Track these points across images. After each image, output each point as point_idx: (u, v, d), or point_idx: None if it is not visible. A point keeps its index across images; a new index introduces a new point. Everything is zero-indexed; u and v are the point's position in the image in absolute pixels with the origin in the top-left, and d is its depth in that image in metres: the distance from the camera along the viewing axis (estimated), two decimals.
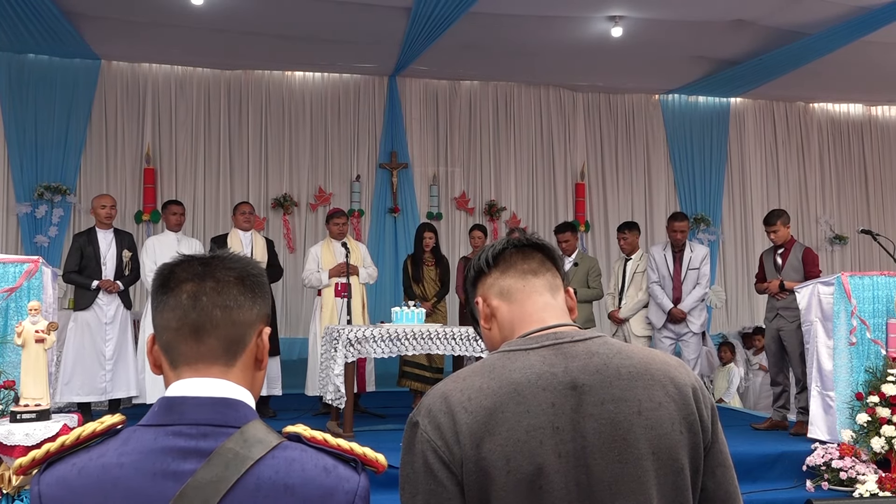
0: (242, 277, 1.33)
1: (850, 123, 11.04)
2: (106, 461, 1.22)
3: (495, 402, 1.35)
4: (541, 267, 1.55)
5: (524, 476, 1.32)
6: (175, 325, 1.29)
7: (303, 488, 1.22)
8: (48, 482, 1.23)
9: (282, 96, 9.42)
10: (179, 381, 1.29)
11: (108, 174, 8.90)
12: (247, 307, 1.32)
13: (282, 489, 1.21)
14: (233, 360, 1.31)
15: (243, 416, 1.27)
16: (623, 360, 1.42)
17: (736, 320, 10.26)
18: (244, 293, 1.32)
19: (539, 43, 8.25)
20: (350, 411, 5.86)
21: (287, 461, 1.24)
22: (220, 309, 1.30)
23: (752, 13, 7.48)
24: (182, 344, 1.29)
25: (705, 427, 1.43)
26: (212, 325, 1.29)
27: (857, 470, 4.99)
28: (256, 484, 1.21)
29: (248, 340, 1.32)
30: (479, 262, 1.57)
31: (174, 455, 1.21)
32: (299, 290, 8.76)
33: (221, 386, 1.28)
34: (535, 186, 10.00)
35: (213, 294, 1.30)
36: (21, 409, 4.23)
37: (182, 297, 1.30)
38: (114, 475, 1.20)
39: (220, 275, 1.32)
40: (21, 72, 8.50)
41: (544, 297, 1.52)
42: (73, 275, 6.58)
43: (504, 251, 1.55)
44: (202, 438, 1.23)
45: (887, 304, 5.67)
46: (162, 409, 1.27)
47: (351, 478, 1.27)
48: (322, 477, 1.24)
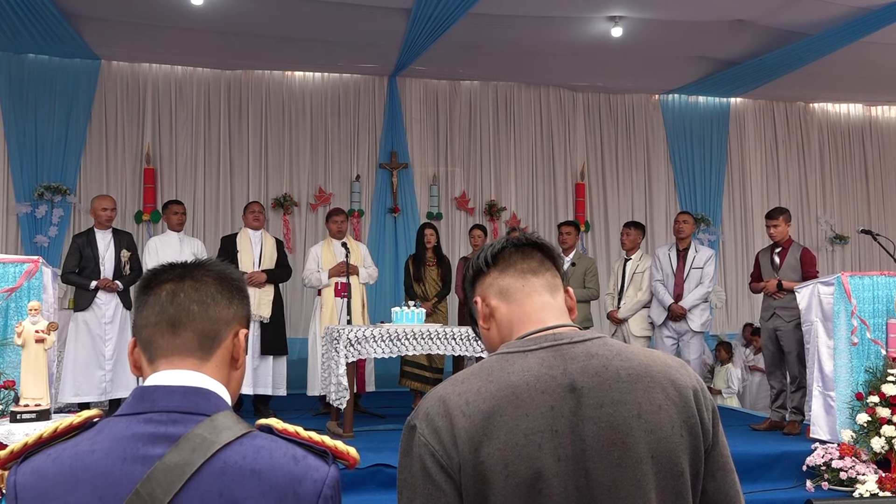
0: (221, 278, 1.38)
1: (850, 123, 11.04)
2: (79, 450, 1.25)
3: (493, 406, 1.34)
4: (540, 266, 1.53)
5: (523, 480, 1.31)
6: (154, 321, 1.34)
7: (270, 474, 1.24)
8: (24, 472, 1.26)
9: (282, 96, 9.42)
10: (155, 374, 1.32)
11: (108, 174, 8.90)
12: (223, 304, 1.36)
13: (248, 473, 1.23)
14: (207, 354, 1.34)
15: (214, 406, 1.29)
16: (623, 361, 1.40)
17: (736, 320, 10.27)
18: (221, 292, 1.37)
19: (539, 43, 8.25)
20: (350, 411, 5.86)
21: (255, 448, 1.26)
22: (197, 304, 1.34)
23: (752, 13, 7.48)
24: (159, 337, 1.33)
25: (706, 430, 1.41)
26: (188, 318, 1.33)
27: (857, 470, 4.99)
28: (222, 468, 1.22)
29: (223, 336, 1.36)
30: (478, 262, 1.55)
31: (144, 440, 1.24)
32: (299, 290, 8.75)
33: (193, 377, 1.31)
34: (535, 186, 10.00)
35: (190, 291, 1.35)
36: (21, 410, 4.24)
37: (161, 295, 1.34)
38: (85, 462, 1.23)
39: (198, 274, 1.37)
40: (21, 72, 8.50)
41: (543, 297, 1.50)
42: (72, 275, 6.59)
43: (503, 250, 1.54)
44: (171, 424, 1.25)
45: (887, 304, 5.67)
46: (135, 399, 1.30)
47: (320, 468, 1.28)
48: (290, 465, 1.26)
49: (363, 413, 6.91)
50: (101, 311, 6.57)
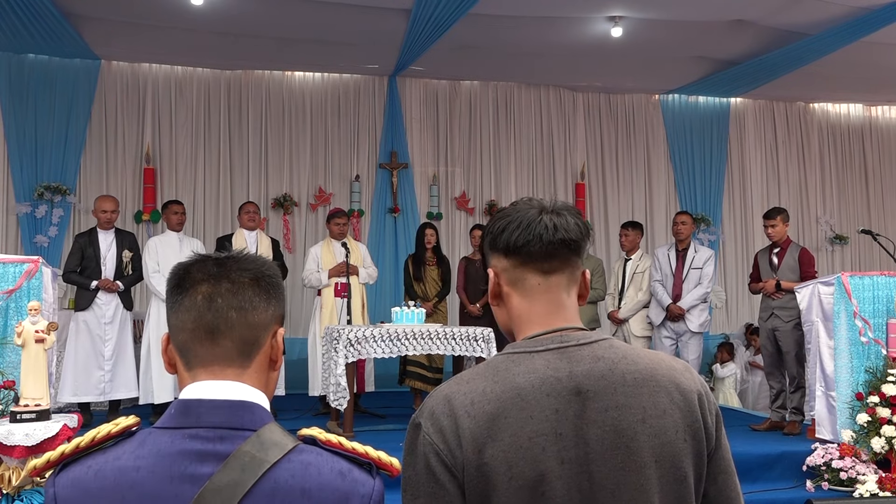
0: (258, 278, 1.34)
1: (850, 123, 11.04)
2: (122, 464, 1.22)
3: (498, 408, 1.33)
4: (562, 265, 1.45)
5: (526, 482, 1.30)
6: (190, 327, 1.30)
7: (319, 492, 1.23)
8: (63, 484, 1.23)
9: (282, 96, 9.42)
10: (195, 384, 1.29)
11: (108, 174, 8.90)
12: (262, 308, 1.32)
13: (298, 493, 1.22)
14: (248, 361, 1.31)
15: (259, 419, 1.28)
16: (628, 365, 1.39)
17: (736, 320, 10.27)
18: (259, 294, 1.33)
19: (539, 43, 8.25)
20: (350, 411, 5.86)
21: (303, 465, 1.24)
22: (236, 310, 1.30)
23: (752, 13, 7.48)
24: (197, 345, 1.30)
25: (709, 434, 1.41)
26: (227, 326, 1.29)
27: (857, 470, 4.99)
28: (273, 488, 1.21)
29: (262, 342, 1.33)
30: (500, 241, 1.46)
31: (191, 458, 1.22)
32: (299, 290, 8.76)
33: (237, 388, 1.29)
34: (535, 186, 10.00)
35: (228, 295, 1.30)
36: (21, 410, 4.23)
37: (197, 298, 1.30)
38: (130, 478, 1.20)
39: (235, 276, 1.32)
40: (21, 72, 8.50)
41: (559, 296, 1.46)
42: (73, 275, 6.59)
43: (528, 244, 1.43)
44: (219, 441, 1.23)
45: (887, 304, 5.67)
46: (178, 412, 1.27)
47: (366, 482, 1.27)
48: (338, 481, 1.25)
49: (363, 413, 6.91)
50: (101, 311, 6.57)
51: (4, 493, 4.11)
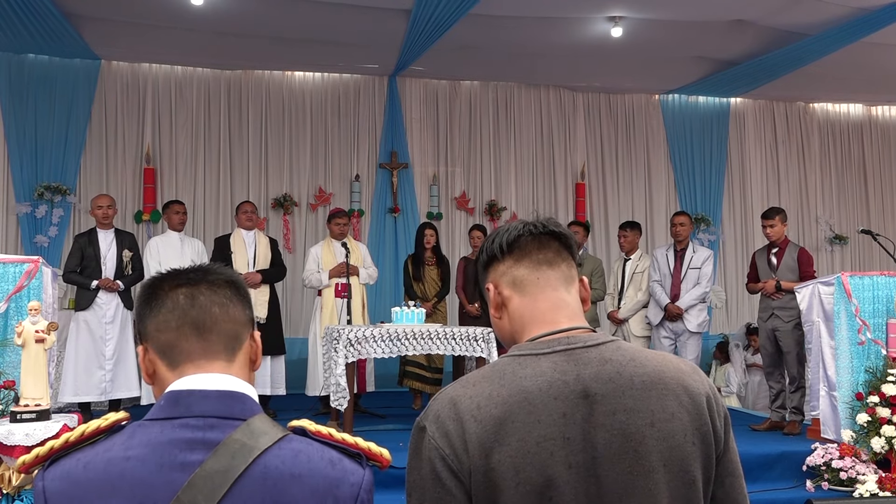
0: (231, 281, 1.38)
1: (850, 123, 11.04)
2: (112, 455, 1.22)
3: (505, 412, 1.32)
4: (556, 257, 1.47)
5: (534, 487, 1.29)
6: (175, 325, 1.31)
7: (310, 478, 1.24)
8: (52, 477, 1.23)
9: (282, 96, 9.42)
10: (184, 378, 1.30)
11: (108, 174, 8.89)
12: (240, 307, 1.37)
13: (288, 478, 1.23)
14: (232, 356, 1.34)
15: (249, 409, 1.29)
16: (636, 367, 1.38)
17: (736, 320, 10.26)
18: (236, 294, 1.37)
19: (539, 44, 8.25)
20: (350, 411, 5.86)
21: (293, 452, 1.26)
22: (218, 306, 1.34)
23: (752, 13, 7.48)
24: (184, 342, 1.31)
25: (718, 437, 1.40)
26: (212, 321, 1.32)
27: (857, 470, 4.99)
28: (263, 473, 1.22)
29: (243, 338, 1.36)
30: (493, 247, 1.49)
31: (181, 446, 1.22)
32: (299, 290, 8.76)
33: (226, 380, 1.31)
34: (535, 186, 10.00)
35: (208, 293, 1.34)
36: (21, 410, 4.24)
37: (179, 298, 1.33)
38: (121, 468, 1.21)
39: (211, 278, 1.36)
40: (21, 72, 8.50)
41: (559, 293, 1.46)
42: (73, 275, 6.59)
43: (519, 238, 1.47)
44: (209, 430, 1.24)
45: (887, 304, 5.67)
46: (168, 403, 1.28)
47: (356, 471, 1.28)
48: (328, 469, 1.26)
49: (363, 413, 6.91)
50: (101, 311, 6.57)
51: (4, 493, 4.11)
